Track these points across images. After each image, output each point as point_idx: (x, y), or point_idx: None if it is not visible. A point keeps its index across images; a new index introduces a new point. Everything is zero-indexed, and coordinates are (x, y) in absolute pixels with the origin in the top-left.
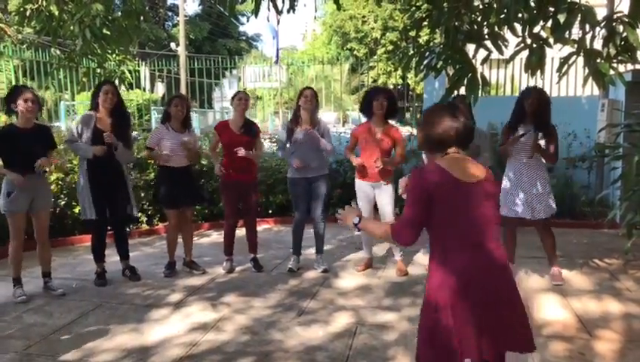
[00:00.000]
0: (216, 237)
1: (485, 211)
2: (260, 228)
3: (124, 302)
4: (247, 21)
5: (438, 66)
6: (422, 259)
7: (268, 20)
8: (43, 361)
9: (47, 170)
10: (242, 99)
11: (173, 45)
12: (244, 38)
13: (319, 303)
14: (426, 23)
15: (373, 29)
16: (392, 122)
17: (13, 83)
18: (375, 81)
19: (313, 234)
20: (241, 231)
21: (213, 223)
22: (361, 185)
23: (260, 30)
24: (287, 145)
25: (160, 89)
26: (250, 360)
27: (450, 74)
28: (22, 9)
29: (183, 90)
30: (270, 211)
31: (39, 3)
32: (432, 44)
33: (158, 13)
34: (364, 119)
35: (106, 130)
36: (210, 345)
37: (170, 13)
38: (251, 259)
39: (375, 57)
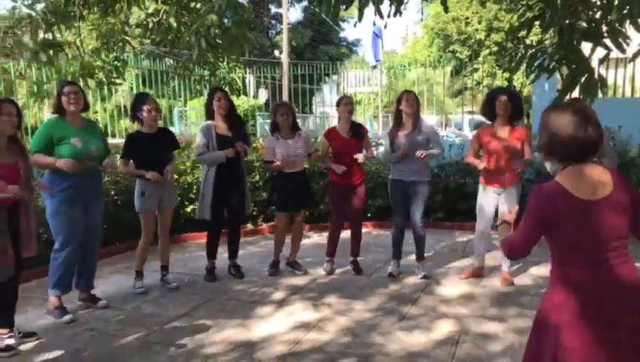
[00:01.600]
0: (317, 238)
1: (612, 225)
2: None
3: (232, 297)
4: (355, 26)
5: (551, 67)
6: (529, 269)
7: (374, 24)
8: (160, 349)
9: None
10: (348, 104)
11: (276, 52)
12: (344, 43)
13: (420, 309)
14: (537, 22)
15: (476, 30)
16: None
17: (134, 91)
18: (479, 83)
19: (413, 239)
20: (343, 234)
21: (314, 225)
22: (486, 192)
23: (361, 35)
24: (390, 150)
25: (263, 95)
26: None
27: (564, 75)
28: (144, 22)
29: (285, 96)
30: (369, 215)
31: (160, 16)
32: (544, 43)
33: (262, 22)
34: (466, 123)
35: (228, 135)
36: (313, 344)
37: (273, 22)
38: (351, 262)
39: (479, 59)
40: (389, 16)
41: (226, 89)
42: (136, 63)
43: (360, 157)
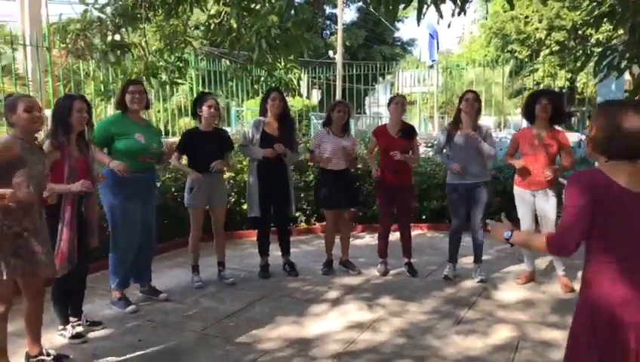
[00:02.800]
0: (370, 239)
1: None
2: (413, 233)
3: (286, 295)
4: (418, 25)
5: (622, 66)
6: None
7: (438, 23)
8: (218, 342)
9: (223, 170)
10: (399, 103)
11: (331, 53)
12: (399, 43)
13: (478, 313)
14: (606, 20)
15: (537, 29)
16: (557, 127)
17: (194, 91)
18: (538, 84)
19: (471, 243)
20: (395, 235)
21: (367, 226)
22: (521, 193)
23: (415, 35)
24: (445, 150)
25: (316, 96)
26: None
27: (636, 74)
28: (206, 23)
29: (338, 97)
30: (424, 216)
31: (221, 17)
32: (613, 41)
33: (317, 23)
34: (524, 124)
35: (274, 134)
36: (367, 344)
37: (328, 22)
38: (405, 264)
39: (539, 59)
40: (453, 15)
41: (283, 90)
42: (196, 64)
43: (397, 155)
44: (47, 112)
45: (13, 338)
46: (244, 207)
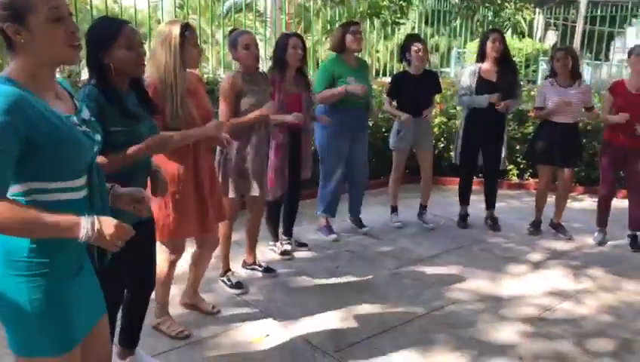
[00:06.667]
0: (590, 203)
1: None
2: None
3: (484, 249)
4: None
5: None
6: None
7: None
8: (409, 282)
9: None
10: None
11: None
12: None
13: None
14: None
15: None
16: None
17: (416, 30)
18: None
19: None
20: (619, 203)
21: (589, 188)
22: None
23: None
24: None
25: (552, 38)
26: (608, 343)
27: None
28: None
29: (577, 40)
30: None
31: None
32: None
33: None
34: None
35: (492, 80)
36: (566, 315)
37: None
38: (629, 235)
39: None
40: None
41: (509, 31)
42: (421, 2)
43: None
44: None
45: (235, 247)
46: (452, 153)
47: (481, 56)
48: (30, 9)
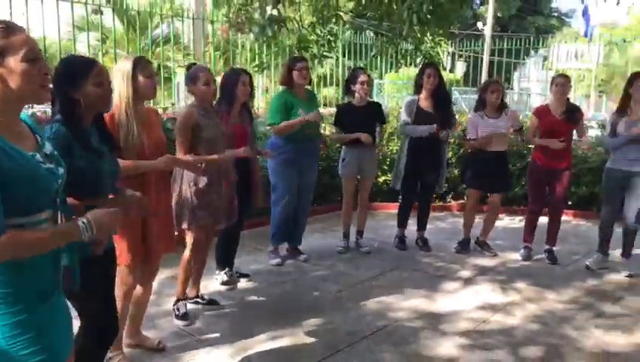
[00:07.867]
0: (509, 222)
1: None
2: None
3: (418, 269)
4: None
5: None
6: None
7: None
8: (351, 306)
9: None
10: (564, 85)
11: (480, 25)
12: (555, 14)
13: (623, 309)
14: None
15: None
16: None
17: (340, 62)
18: None
19: (622, 234)
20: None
21: (507, 208)
22: None
23: (575, 5)
24: (610, 135)
25: (461, 69)
26: (538, 350)
27: None
28: None
29: (484, 71)
30: (570, 203)
31: None
32: None
33: None
34: None
35: (430, 110)
36: (499, 326)
37: None
38: (546, 251)
39: None
40: None
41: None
42: (342, 36)
43: (584, 143)
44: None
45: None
46: (381, 179)
47: (418, 88)
48: (10, 51)
